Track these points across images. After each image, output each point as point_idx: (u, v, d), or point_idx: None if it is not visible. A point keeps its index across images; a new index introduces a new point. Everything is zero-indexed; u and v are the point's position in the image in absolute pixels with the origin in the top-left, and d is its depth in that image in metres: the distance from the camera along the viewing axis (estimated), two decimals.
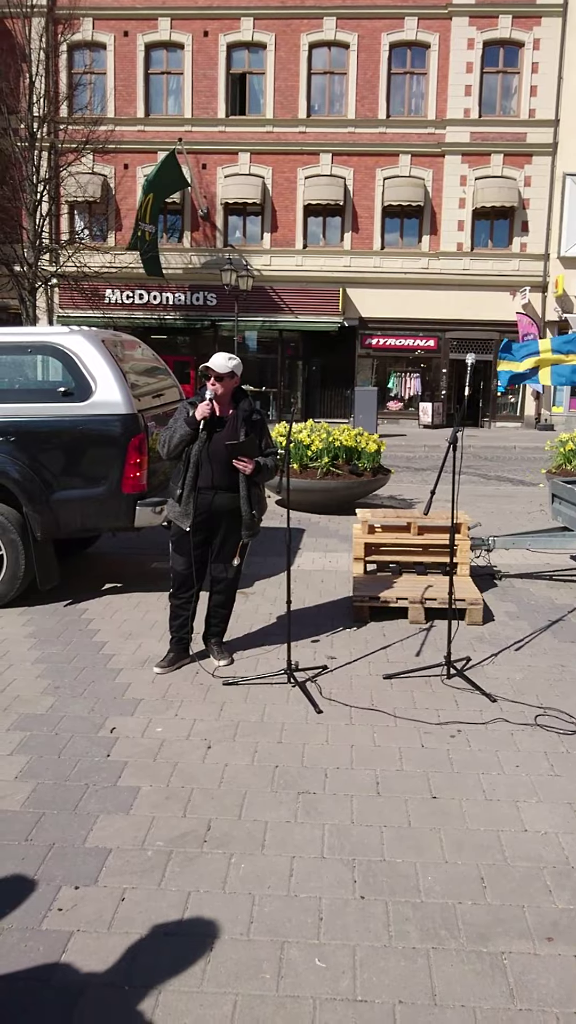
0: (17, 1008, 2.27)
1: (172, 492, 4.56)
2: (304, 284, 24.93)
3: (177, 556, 4.62)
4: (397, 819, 3.19)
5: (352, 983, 2.36)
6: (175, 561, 4.64)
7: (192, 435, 4.40)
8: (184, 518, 4.47)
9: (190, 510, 4.45)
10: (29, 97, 21.15)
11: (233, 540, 4.60)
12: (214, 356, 4.47)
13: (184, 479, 4.45)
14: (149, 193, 21.90)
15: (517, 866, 2.91)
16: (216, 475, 4.46)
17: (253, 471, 4.44)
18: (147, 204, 21.75)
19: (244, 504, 4.49)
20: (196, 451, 4.42)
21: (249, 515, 4.51)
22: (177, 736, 3.87)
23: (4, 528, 5.60)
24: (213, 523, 4.55)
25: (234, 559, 4.62)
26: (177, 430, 4.44)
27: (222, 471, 4.45)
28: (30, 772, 3.52)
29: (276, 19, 24.20)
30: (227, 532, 4.58)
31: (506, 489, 12.18)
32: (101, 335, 5.98)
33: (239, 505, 4.50)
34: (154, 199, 22.05)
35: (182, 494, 4.45)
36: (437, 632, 5.38)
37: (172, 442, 4.46)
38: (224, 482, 4.47)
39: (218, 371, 4.38)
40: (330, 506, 9.29)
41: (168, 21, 24.41)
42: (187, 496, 4.44)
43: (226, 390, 4.46)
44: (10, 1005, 2.28)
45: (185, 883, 2.80)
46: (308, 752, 3.72)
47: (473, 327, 25.01)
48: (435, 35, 23.93)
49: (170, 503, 4.60)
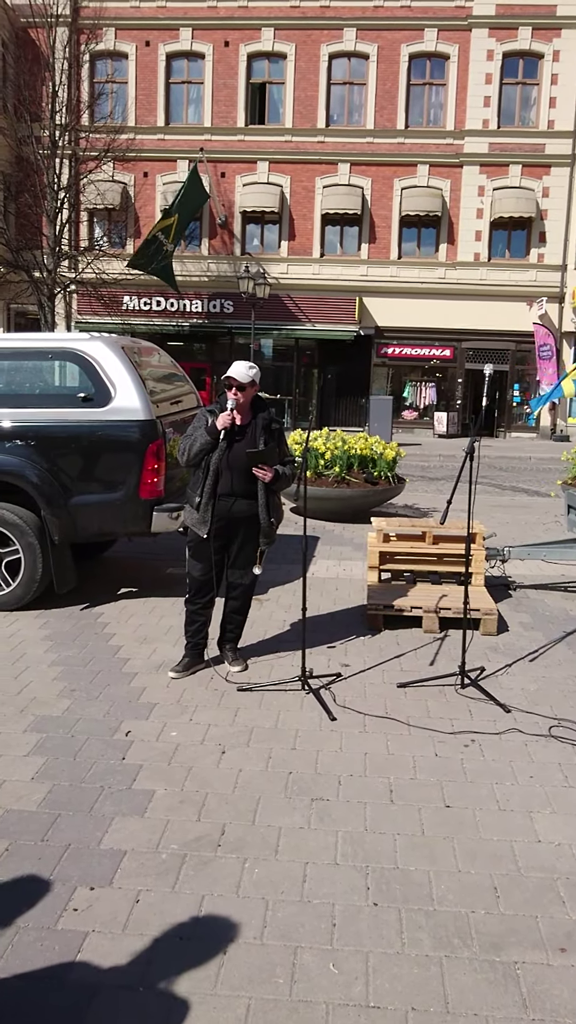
0: (33, 1006, 2.29)
1: (190, 499, 4.59)
2: (321, 293, 24.99)
3: (194, 562, 4.65)
4: (410, 827, 3.20)
5: (365, 989, 2.37)
6: (192, 567, 4.67)
7: (213, 444, 4.43)
8: (202, 525, 4.50)
9: (208, 517, 4.48)
10: (52, 105, 21.39)
11: (251, 547, 4.63)
12: (235, 365, 4.50)
13: (203, 486, 4.47)
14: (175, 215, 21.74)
15: (530, 876, 2.91)
16: (235, 483, 4.48)
17: (272, 479, 4.47)
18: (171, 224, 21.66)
19: (263, 512, 4.52)
20: (216, 459, 4.45)
21: (267, 523, 4.54)
22: (192, 740, 3.89)
23: (22, 531, 5.65)
24: (231, 530, 4.58)
25: (255, 566, 4.65)
26: (197, 439, 4.47)
27: (241, 479, 4.48)
28: (46, 773, 3.55)
29: (296, 30, 24.36)
30: (244, 539, 4.62)
31: (521, 500, 12.16)
32: (121, 342, 6.04)
33: (257, 512, 4.53)
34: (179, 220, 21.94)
35: (201, 501, 4.47)
36: (451, 642, 5.38)
37: (192, 450, 4.49)
38: (243, 490, 4.50)
39: (240, 380, 4.41)
40: (345, 514, 9.30)
41: (189, 31, 24.62)
42: (206, 503, 4.47)
43: (246, 399, 4.49)
44: (26, 1003, 2.30)
45: (199, 886, 2.82)
46: (322, 759, 3.74)
47: (489, 337, 24.99)
48: (454, 46, 24.00)
49: (187, 509, 4.64)
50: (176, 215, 21.72)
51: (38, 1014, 2.27)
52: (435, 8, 23.86)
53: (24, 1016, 2.26)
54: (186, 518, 4.66)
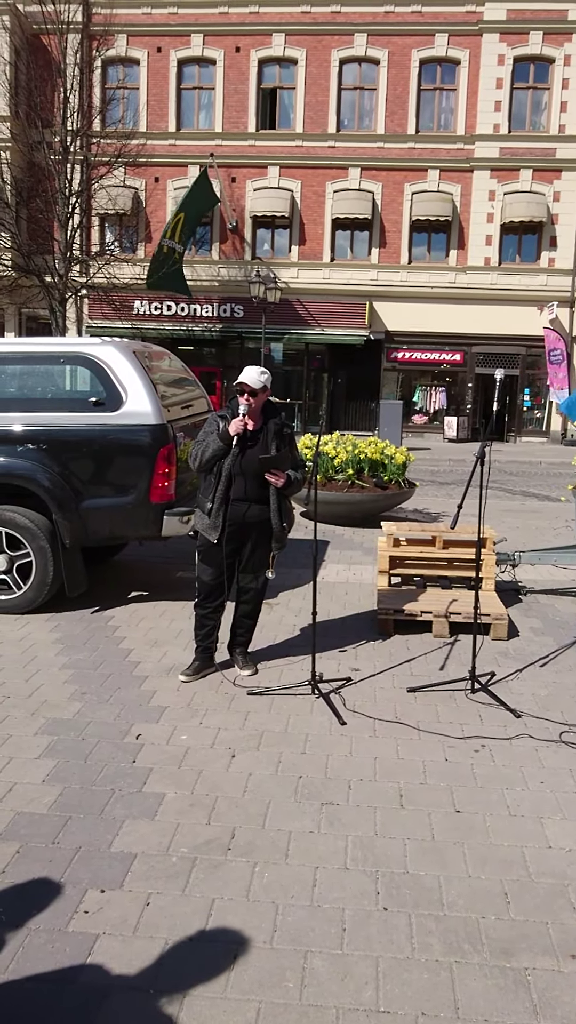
0: (44, 1008, 2.30)
1: (201, 504, 4.60)
2: (331, 297, 25.03)
3: (205, 567, 4.66)
4: (420, 832, 3.20)
5: (375, 994, 2.37)
6: (203, 572, 4.68)
7: (225, 450, 4.44)
8: (213, 530, 4.51)
9: (219, 522, 4.48)
10: (63, 111, 21.49)
11: (263, 551, 4.64)
12: (247, 371, 4.51)
13: (215, 492, 4.48)
14: (180, 212, 21.98)
15: (541, 882, 2.90)
16: (248, 488, 4.49)
17: (284, 484, 4.48)
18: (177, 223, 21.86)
19: (275, 517, 4.53)
20: (228, 464, 4.45)
21: (280, 528, 4.55)
22: (202, 744, 3.90)
23: (34, 535, 5.68)
24: (243, 535, 4.58)
25: (268, 571, 4.66)
26: (210, 444, 4.47)
27: (254, 484, 4.49)
28: (57, 776, 3.57)
29: (307, 35, 24.43)
30: (256, 544, 4.62)
31: (532, 504, 12.12)
32: (132, 346, 6.06)
33: (268, 517, 4.54)
34: (185, 219, 22.13)
35: (212, 507, 4.48)
36: (461, 646, 5.37)
37: (204, 456, 4.49)
38: (255, 495, 4.51)
39: (252, 386, 4.42)
40: (355, 518, 9.30)
41: (201, 37, 24.73)
42: (217, 508, 4.48)
43: (257, 404, 4.50)
44: (37, 1005, 2.31)
45: (209, 890, 2.82)
46: (332, 763, 3.74)
47: (500, 342, 24.95)
48: (465, 51, 24.02)
49: (198, 515, 4.64)
50: (183, 213, 21.84)
51: (49, 1015, 2.27)
52: (446, 13, 23.89)
53: (35, 1018, 2.27)
54: (197, 523, 4.67)
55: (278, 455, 4.45)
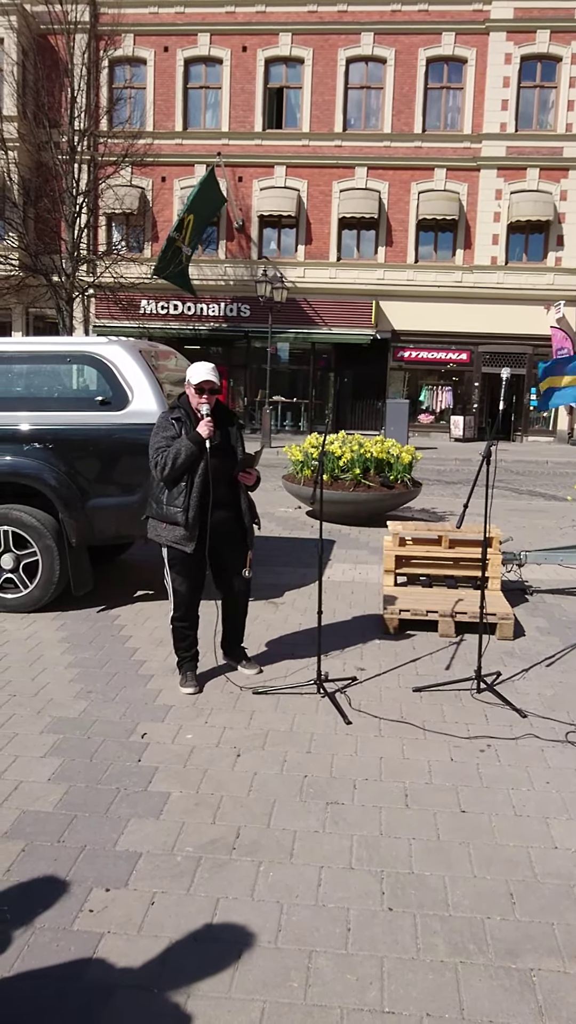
0: (48, 1006, 2.30)
1: (168, 515, 4.28)
2: (337, 296, 25.02)
3: (181, 578, 4.42)
4: (426, 832, 3.19)
5: (380, 994, 2.37)
6: (178, 583, 4.44)
7: (200, 454, 4.18)
8: (188, 542, 4.24)
9: (195, 533, 4.23)
10: (71, 111, 21.57)
11: (239, 552, 4.49)
12: (201, 367, 4.32)
13: (188, 500, 4.21)
14: (189, 214, 21.98)
15: (547, 883, 2.89)
16: (217, 491, 4.26)
17: (253, 481, 4.41)
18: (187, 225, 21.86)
19: (246, 517, 4.45)
20: (202, 470, 4.21)
21: (250, 526, 4.48)
22: (207, 743, 3.90)
23: (40, 534, 5.69)
24: (215, 540, 4.37)
25: (245, 571, 4.52)
26: (182, 450, 4.15)
27: (224, 487, 4.31)
28: (62, 775, 3.57)
29: (314, 34, 24.42)
30: (232, 547, 4.47)
31: (538, 504, 12.09)
32: (138, 345, 6.07)
33: (238, 518, 4.43)
34: (194, 221, 22.13)
35: (188, 516, 4.21)
36: (467, 646, 5.36)
37: (178, 462, 4.16)
38: (227, 497, 4.34)
39: (216, 383, 4.30)
40: (361, 518, 9.29)
41: (207, 37, 24.74)
42: (194, 518, 4.21)
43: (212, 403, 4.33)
44: (42, 1003, 2.31)
45: (214, 889, 2.82)
46: (337, 763, 3.73)
47: (506, 341, 24.90)
48: (472, 50, 23.97)
49: (162, 526, 4.33)
50: (191, 215, 21.85)
51: (54, 1014, 2.28)
52: (453, 12, 23.85)
53: (40, 1015, 2.27)
54: (163, 534, 4.33)
55: (252, 455, 4.36)
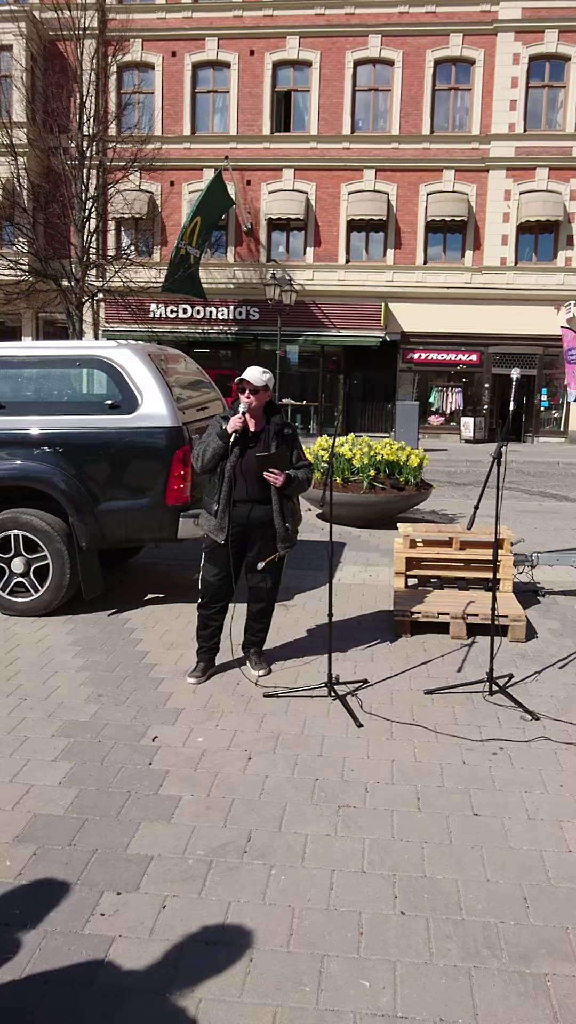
0: (60, 1009, 2.30)
1: (207, 506, 4.62)
2: (346, 299, 25.00)
3: (210, 567, 4.66)
4: (438, 835, 3.17)
5: (393, 999, 2.35)
6: (207, 571, 4.68)
7: (224, 448, 4.44)
8: (219, 531, 4.52)
9: (225, 523, 4.49)
10: (79, 117, 21.65)
11: (268, 551, 4.61)
12: (249, 369, 4.54)
13: (219, 493, 4.50)
14: (196, 216, 22.06)
15: (561, 887, 2.86)
16: (251, 488, 4.50)
17: (284, 484, 4.46)
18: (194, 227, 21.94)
19: (277, 517, 4.51)
20: (230, 465, 4.47)
21: (283, 528, 4.54)
22: (218, 746, 3.89)
23: (50, 538, 5.70)
24: (248, 535, 4.58)
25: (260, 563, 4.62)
26: (210, 444, 4.49)
27: (256, 484, 4.49)
28: (74, 778, 3.57)
29: (321, 37, 24.44)
30: (262, 544, 4.61)
31: (549, 505, 12.04)
32: (148, 349, 6.08)
33: (272, 518, 4.53)
34: (201, 223, 22.21)
35: (218, 508, 4.50)
36: (479, 648, 5.33)
37: (205, 456, 4.52)
38: (259, 495, 4.51)
39: (254, 384, 4.44)
40: (371, 520, 9.27)
41: (215, 41, 24.80)
42: (223, 510, 4.49)
43: (259, 403, 4.51)
44: (54, 1005, 2.31)
45: (225, 893, 2.81)
46: (348, 766, 3.72)
47: (516, 342, 24.81)
48: (480, 51, 23.93)
49: (204, 516, 4.65)
50: (198, 217, 21.90)
51: (66, 1017, 2.27)
52: (460, 13, 23.82)
53: (52, 1018, 2.27)
54: (203, 524, 4.67)
55: (274, 454, 4.42)
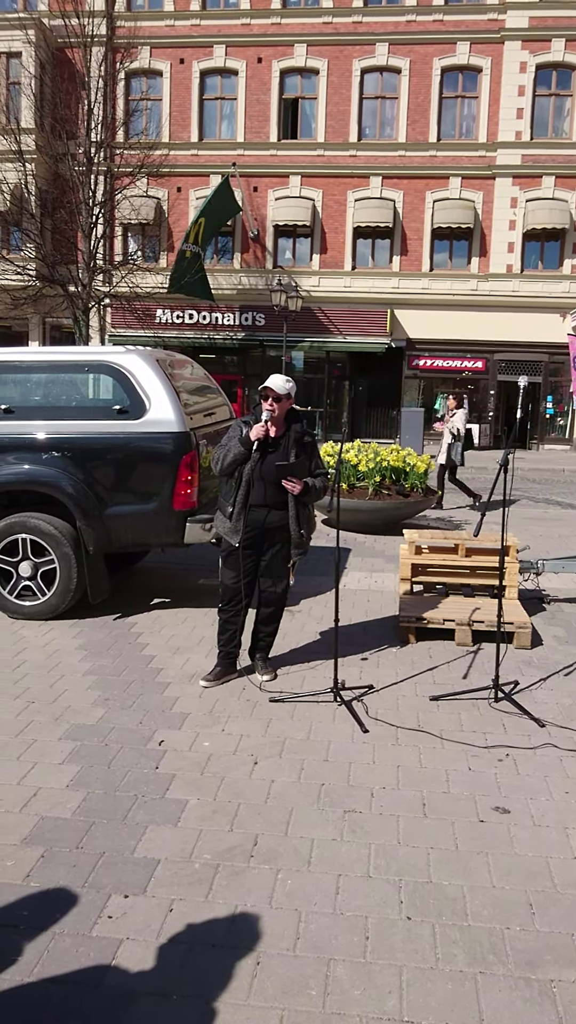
0: (68, 1011, 2.31)
1: (223, 508, 4.66)
2: (352, 305, 25.04)
3: (226, 570, 4.72)
4: (444, 841, 3.18)
5: (399, 1003, 2.36)
6: (224, 575, 4.74)
7: (246, 455, 4.50)
8: (234, 534, 4.57)
9: (240, 527, 4.55)
10: (87, 123, 21.74)
11: (282, 556, 4.68)
12: (272, 377, 4.57)
13: (236, 497, 4.55)
14: (200, 218, 22.19)
15: (566, 893, 2.87)
16: (268, 494, 4.56)
17: (301, 492, 4.51)
18: (198, 228, 22.06)
19: (292, 523, 4.58)
20: (248, 470, 4.52)
21: (298, 534, 4.59)
22: (224, 751, 3.90)
23: (58, 542, 5.73)
24: (263, 540, 4.64)
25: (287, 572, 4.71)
26: (231, 449, 4.55)
27: (273, 490, 4.55)
28: (81, 782, 3.59)
29: (329, 45, 24.53)
30: (277, 549, 4.66)
31: (555, 512, 12.03)
32: (155, 354, 6.11)
33: (288, 523, 4.57)
34: (205, 224, 22.33)
35: (234, 511, 4.55)
36: (484, 655, 5.34)
37: (226, 460, 4.57)
38: (276, 501, 4.57)
39: (277, 392, 4.49)
40: (377, 526, 9.28)
41: (223, 48, 24.91)
42: (238, 513, 4.54)
43: (281, 411, 4.55)
44: (61, 1008, 2.32)
45: (232, 896, 2.82)
46: (354, 771, 3.73)
47: (522, 349, 24.81)
48: (487, 59, 24.00)
49: (219, 518, 4.70)
50: (203, 219, 22.00)
51: (73, 1019, 2.28)
52: (468, 22, 23.89)
53: (60, 1020, 2.28)
54: (218, 527, 4.72)
55: (294, 462, 4.51)
